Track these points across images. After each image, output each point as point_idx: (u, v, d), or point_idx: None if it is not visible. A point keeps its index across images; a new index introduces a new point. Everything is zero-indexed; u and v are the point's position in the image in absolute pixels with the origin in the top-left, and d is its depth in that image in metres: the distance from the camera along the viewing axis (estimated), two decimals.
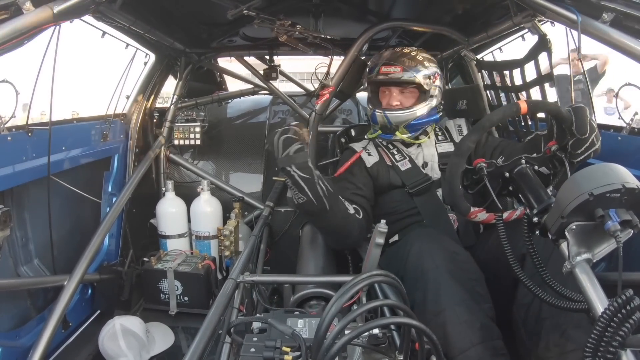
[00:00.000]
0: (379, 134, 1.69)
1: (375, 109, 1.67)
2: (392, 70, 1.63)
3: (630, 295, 0.73)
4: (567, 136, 1.21)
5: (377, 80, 1.68)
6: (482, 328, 1.14)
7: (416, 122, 1.65)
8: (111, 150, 2.08)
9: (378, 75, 1.66)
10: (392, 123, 1.64)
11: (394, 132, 1.65)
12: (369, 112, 1.74)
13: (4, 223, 1.27)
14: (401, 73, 1.62)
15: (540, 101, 1.22)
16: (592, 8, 1.13)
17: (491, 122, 1.27)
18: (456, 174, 1.22)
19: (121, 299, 1.90)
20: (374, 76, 1.68)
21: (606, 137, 1.58)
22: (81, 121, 1.93)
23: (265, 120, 2.74)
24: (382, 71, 1.65)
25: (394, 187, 1.69)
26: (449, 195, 1.27)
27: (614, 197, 0.86)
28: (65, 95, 2.85)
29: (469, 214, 1.26)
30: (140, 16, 1.69)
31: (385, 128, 1.66)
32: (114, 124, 2.06)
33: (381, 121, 1.66)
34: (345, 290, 0.86)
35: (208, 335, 1.08)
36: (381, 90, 1.71)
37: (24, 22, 1.04)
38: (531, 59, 1.68)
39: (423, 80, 1.63)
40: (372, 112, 1.70)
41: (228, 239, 2.03)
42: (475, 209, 1.26)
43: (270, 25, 1.78)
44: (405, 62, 1.64)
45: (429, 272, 1.23)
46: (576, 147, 1.22)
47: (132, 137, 2.18)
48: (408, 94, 1.67)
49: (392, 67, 1.64)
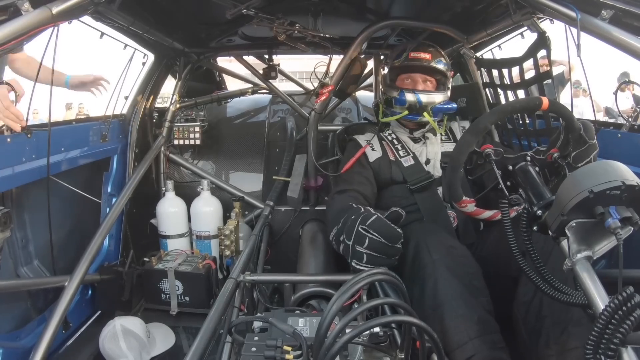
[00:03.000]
0: (406, 114, 1.71)
1: (405, 90, 1.71)
2: (423, 56, 1.71)
3: (630, 292, 0.73)
4: (569, 147, 1.22)
5: (406, 65, 1.73)
6: (480, 322, 1.14)
7: (440, 107, 1.72)
8: (111, 150, 2.07)
9: (409, 60, 1.71)
10: (422, 103, 1.69)
11: (422, 112, 1.70)
12: (392, 94, 1.74)
13: (4, 224, 1.27)
14: (430, 60, 1.70)
15: (560, 103, 1.23)
16: (591, 5, 1.12)
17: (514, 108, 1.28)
18: (464, 153, 1.22)
19: (122, 300, 1.90)
20: (402, 61, 1.73)
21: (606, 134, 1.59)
22: (80, 122, 1.93)
23: (265, 120, 2.74)
24: (411, 56, 1.71)
25: (395, 182, 1.70)
26: (450, 173, 1.26)
27: (614, 195, 0.86)
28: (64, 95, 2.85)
29: (459, 201, 1.27)
30: (139, 16, 1.69)
31: (413, 109, 1.70)
32: (113, 124, 2.05)
33: (412, 101, 1.70)
34: (345, 289, 0.86)
35: (209, 335, 1.08)
36: (402, 77, 1.77)
37: (22, 23, 1.03)
38: (530, 57, 1.68)
39: (447, 71, 1.73)
40: (399, 92, 1.72)
41: (228, 239, 2.03)
42: (466, 198, 1.27)
43: (269, 24, 1.78)
44: (432, 51, 1.73)
45: (426, 266, 1.23)
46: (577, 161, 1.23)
47: (132, 138, 2.18)
48: (429, 83, 1.74)
49: (422, 53, 1.71)
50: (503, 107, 1.24)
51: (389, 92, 1.76)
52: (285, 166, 2.37)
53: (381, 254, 1.22)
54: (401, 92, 1.71)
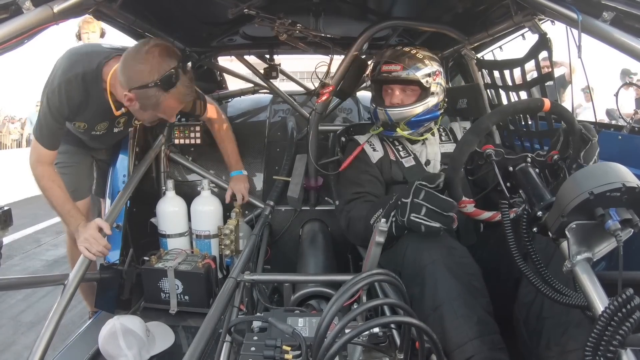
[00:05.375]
0: (381, 130, 1.72)
1: (377, 107, 1.71)
2: (393, 69, 1.67)
3: (630, 294, 0.73)
4: (569, 149, 1.23)
5: (379, 79, 1.71)
6: (480, 322, 1.14)
7: (416, 119, 1.68)
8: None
9: (380, 74, 1.69)
10: (392, 120, 1.68)
11: (395, 128, 1.68)
12: (371, 109, 1.77)
13: (4, 223, 1.27)
14: (401, 71, 1.65)
15: (561, 106, 1.24)
16: (592, 7, 1.12)
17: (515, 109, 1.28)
18: (465, 152, 1.22)
19: (121, 298, 1.90)
20: (376, 74, 1.72)
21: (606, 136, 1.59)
22: None
23: (266, 119, 2.74)
24: (383, 69, 1.69)
25: (395, 182, 1.70)
26: (450, 173, 1.26)
27: (614, 196, 0.86)
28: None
29: (459, 202, 1.27)
30: (140, 15, 1.69)
31: (386, 125, 1.70)
32: None
33: (382, 118, 1.70)
34: (345, 289, 0.86)
35: (208, 334, 1.08)
36: (384, 88, 1.74)
37: (24, 22, 1.04)
38: (531, 58, 1.68)
39: (423, 78, 1.65)
40: (374, 109, 1.74)
41: (228, 238, 2.03)
42: (466, 198, 1.27)
43: (271, 24, 1.77)
44: (405, 60, 1.67)
45: (426, 267, 1.23)
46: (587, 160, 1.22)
47: (132, 137, 2.18)
48: (409, 92, 1.70)
49: (392, 66, 1.67)
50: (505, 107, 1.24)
51: (371, 106, 1.79)
52: (286, 166, 2.37)
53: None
54: (375, 110, 1.73)
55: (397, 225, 1.32)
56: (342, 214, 1.69)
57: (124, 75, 1.49)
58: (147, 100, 1.51)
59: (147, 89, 1.47)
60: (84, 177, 2.00)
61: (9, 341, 2.50)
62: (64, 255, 3.85)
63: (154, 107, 1.54)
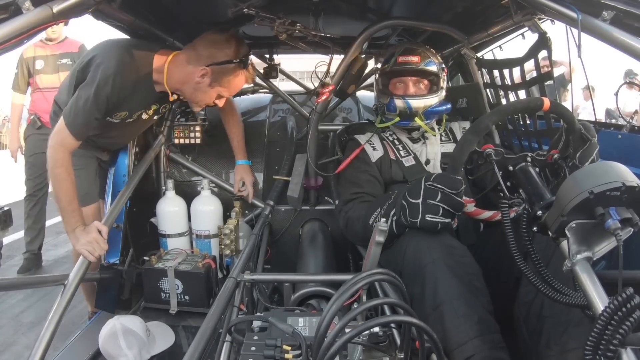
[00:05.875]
0: (397, 120, 1.71)
1: (394, 96, 1.70)
2: (411, 59, 1.68)
3: (630, 293, 0.73)
4: (570, 148, 1.23)
5: (395, 70, 1.71)
6: (480, 322, 1.14)
7: (433, 110, 1.70)
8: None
9: (397, 65, 1.69)
10: (412, 109, 1.68)
11: (413, 118, 1.68)
12: (383, 100, 1.75)
13: (4, 223, 1.27)
14: (420, 62, 1.67)
15: (561, 105, 1.24)
16: (592, 6, 1.12)
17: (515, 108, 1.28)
18: (465, 152, 1.22)
19: (121, 298, 1.90)
20: (391, 66, 1.71)
21: (606, 135, 1.59)
22: None
23: (265, 119, 2.74)
24: (400, 60, 1.69)
25: (395, 181, 1.70)
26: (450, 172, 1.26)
27: (614, 196, 0.86)
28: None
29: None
30: (140, 15, 1.69)
31: (404, 114, 1.69)
32: None
33: (401, 107, 1.69)
34: (345, 288, 0.86)
35: (208, 334, 1.09)
36: (393, 82, 1.75)
37: (23, 22, 1.03)
38: (531, 57, 1.68)
39: (439, 72, 1.69)
40: (389, 99, 1.71)
41: (228, 238, 2.03)
42: (466, 198, 1.27)
43: (270, 23, 1.77)
44: (422, 53, 1.70)
45: (426, 266, 1.23)
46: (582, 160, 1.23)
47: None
48: (422, 85, 1.72)
49: (410, 57, 1.69)
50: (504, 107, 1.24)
51: (381, 99, 1.77)
52: (286, 166, 2.37)
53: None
54: (391, 99, 1.71)
55: (399, 224, 1.32)
56: (340, 214, 1.70)
57: (207, 52, 1.66)
58: (224, 75, 1.69)
59: (228, 65, 1.67)
60: (93, 180, 2.00)
61: (9, 341, 2.50)
62: (64, 255, 3.85)
63: (227, 83, 1.72)
